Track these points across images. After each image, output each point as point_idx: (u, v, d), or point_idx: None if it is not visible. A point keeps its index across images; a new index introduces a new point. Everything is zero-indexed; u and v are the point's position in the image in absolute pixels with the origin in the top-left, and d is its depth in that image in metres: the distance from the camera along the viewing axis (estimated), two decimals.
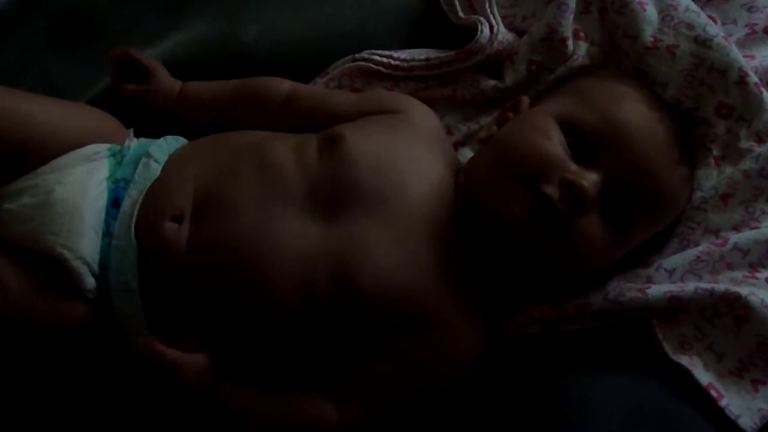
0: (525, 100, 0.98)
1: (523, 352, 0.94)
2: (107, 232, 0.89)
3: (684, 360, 0.89)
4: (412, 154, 0.92)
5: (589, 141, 0.88)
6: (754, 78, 0.97)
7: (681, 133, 0.93)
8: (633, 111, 0.90)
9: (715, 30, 1.00)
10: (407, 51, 1.08)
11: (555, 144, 0.87)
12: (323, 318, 0.86)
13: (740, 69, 0.97)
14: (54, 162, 0.91)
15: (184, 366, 0.82)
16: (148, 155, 0.94)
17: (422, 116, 0.99)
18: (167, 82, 1.06)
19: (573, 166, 0.86)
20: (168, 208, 0.89)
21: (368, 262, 0.86)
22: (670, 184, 0.90)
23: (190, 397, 0.84)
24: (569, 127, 0.89)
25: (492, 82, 1.06)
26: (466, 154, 1.02)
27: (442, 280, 0.88)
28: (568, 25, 1.04)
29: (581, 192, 0.84)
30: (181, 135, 1.01)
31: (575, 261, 0.89)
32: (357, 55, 1.07)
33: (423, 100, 1.04)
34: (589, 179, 0.85)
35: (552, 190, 0.85)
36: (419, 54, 1.07)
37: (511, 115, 0.97)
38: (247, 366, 0.91)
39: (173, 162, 0.94)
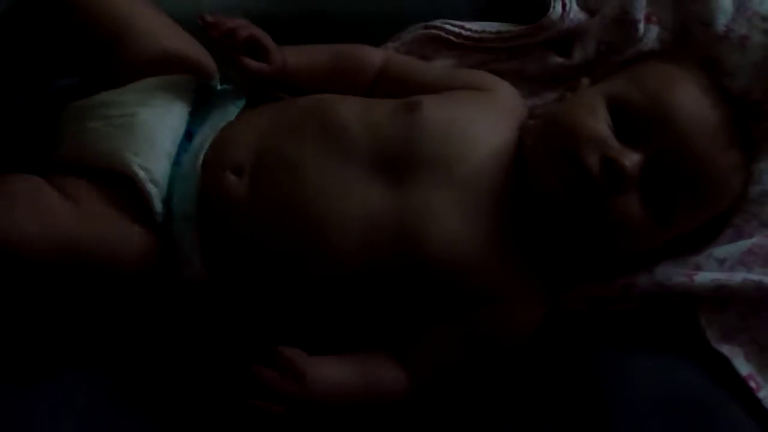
0: (585, 80, 0.99)
1: (566, 326, 0.95)
2: (177, 162, 0.93)
3: (725, 349, 0.90)
4: (486, 125, 0.94)
5: (635, 121, 0.88)
6: None
7: (737, 119, 0.92)
8: (683, 94, 0.89)
9: None
10: (478, 23, 1.08)
11: (600, 122, 0.88)
12: (385, 281, 0.88)
13: None
14: (143, 81, 0.95)
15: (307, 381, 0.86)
16: (228, 98, 0.98)
17: (507, 95, 1.00)
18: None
19: (616, 144, 0.87)
20: (230, 160, 0.91)
21: (433, 227, 0.87)
22: (717, 169, 0.89)
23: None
24: (617, 107, 0.89)
25: (560, 60, 1.07)
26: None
27: (504, 249, 0.90)
28: (641, 7, 1.03)
29: (621, 169, 0.85)
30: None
31: (613, 237, 0.90)
32: (429, 23, 1.09)
33: (490, 72, 1.05)
34: (631, 159, 0.86)
35: (593, 166, 0.86)
36: (490, 27, 1.08)
37: (569, 94, 0.98)
38: (302, 324, 0.93)
39: (247, 113, 0.97)
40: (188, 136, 0.95)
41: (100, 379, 0.91)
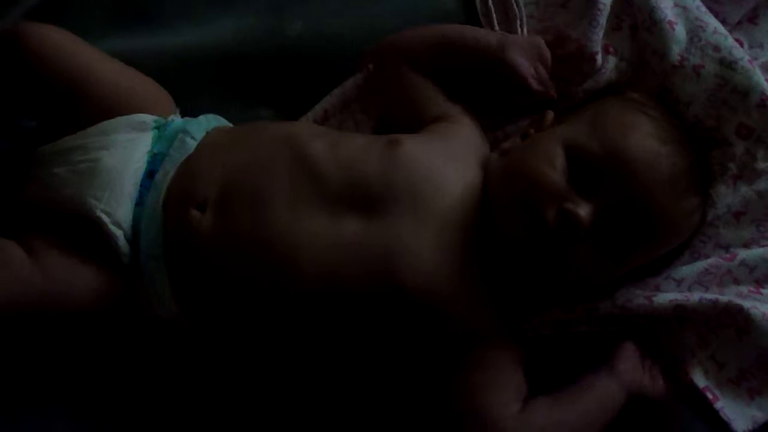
0: (549, 115, 1.01)
1: (534, 345, 0.98)
2: (140, 202, 0.94)
3: (686, 365, 0.94)
4: (458, 164, 0.97)
5: (591, 171, 0.90)
6: None
7: (693, 165, 0.95)
8: (639, 145, 0.91)
9: (740, 53, 1.03)
10: None
11: (558, 172, 0.91)
12: (362, 312, 0.91)
13: (762, 92, 1.00)
14: (103, 124, 0.96)
15: None
16: (185, 132, 0.98)
17: (472, 131, 1.04)
18: None
19: (572, 196, 0.90)
20: (193, 195, 0.93)
21: (409, 257, 0.90)
22: (670, 218, 0.92)
23: None
24: (574, 155, 0.92)
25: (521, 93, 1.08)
26: (492, 160, 1.06)
27: (475, 281, 0.93)
28: (598, 40, 1.06)
29: (576, 222, 0.88)
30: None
31: (569, 278, 0.94)
32: None
33: None
34: (584, 210, 0.89)
35: (550, 217, 0.89)
36: None
37: (532, 131, 1.00)
38: (281, 353, 0.97)
39: (207, 144, 0.98)
40: (150, 174, 0.96)
41: (82, 413, 0.93)
